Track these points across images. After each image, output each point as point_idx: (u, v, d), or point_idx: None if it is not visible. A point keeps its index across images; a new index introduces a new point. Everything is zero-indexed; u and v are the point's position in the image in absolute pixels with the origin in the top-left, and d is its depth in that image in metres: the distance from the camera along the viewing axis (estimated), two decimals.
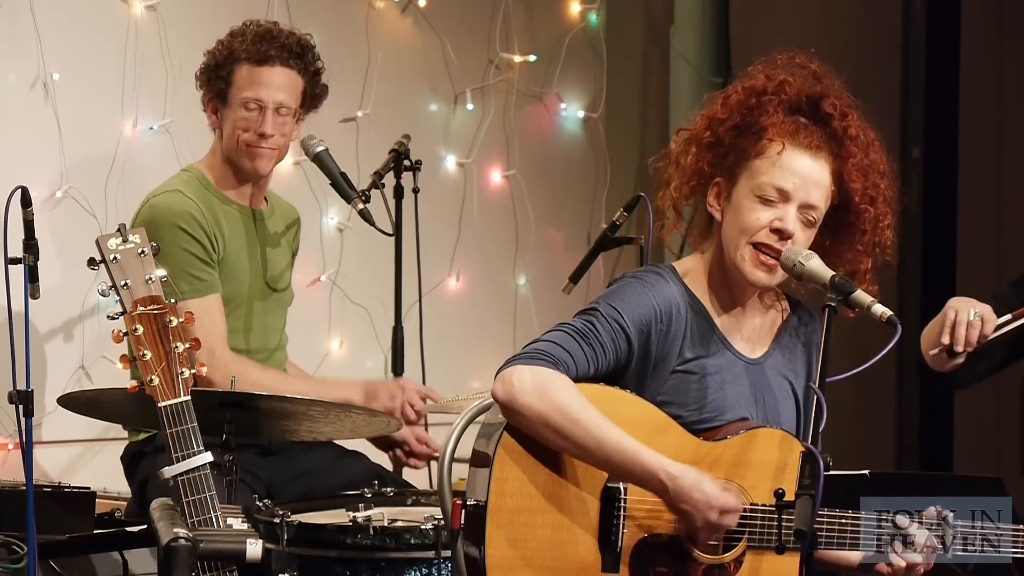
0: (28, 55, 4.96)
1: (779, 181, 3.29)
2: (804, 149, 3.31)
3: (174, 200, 4.45)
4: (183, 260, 4.38)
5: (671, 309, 3.31)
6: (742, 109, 3.34)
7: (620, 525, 3.22)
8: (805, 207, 3.30)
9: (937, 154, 7.00)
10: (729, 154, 3.34)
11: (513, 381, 3.18)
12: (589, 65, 6.43)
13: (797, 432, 3.41)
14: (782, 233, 3.28)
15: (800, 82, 3.39)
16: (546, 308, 6.20)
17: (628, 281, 3.35)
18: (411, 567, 3.82)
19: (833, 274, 3.19)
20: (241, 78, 4.48)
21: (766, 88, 3.36)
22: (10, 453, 4.79)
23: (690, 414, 3.31)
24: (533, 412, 3.16)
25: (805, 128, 3.33)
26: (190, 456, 3.29)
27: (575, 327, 3.27)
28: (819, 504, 2.95)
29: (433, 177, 5.84)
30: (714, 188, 3.36)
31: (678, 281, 3.36)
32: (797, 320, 3.48)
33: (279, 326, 4.64)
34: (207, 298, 4.41)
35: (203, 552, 2.84)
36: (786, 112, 3.34)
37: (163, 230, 4.36)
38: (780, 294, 3.49)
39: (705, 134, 3.36)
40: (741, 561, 3.28)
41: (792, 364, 3.45)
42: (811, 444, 3.00)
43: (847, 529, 3.29)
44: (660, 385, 3.31)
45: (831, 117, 3.36)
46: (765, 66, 3.42)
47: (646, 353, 3.30)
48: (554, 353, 3.22)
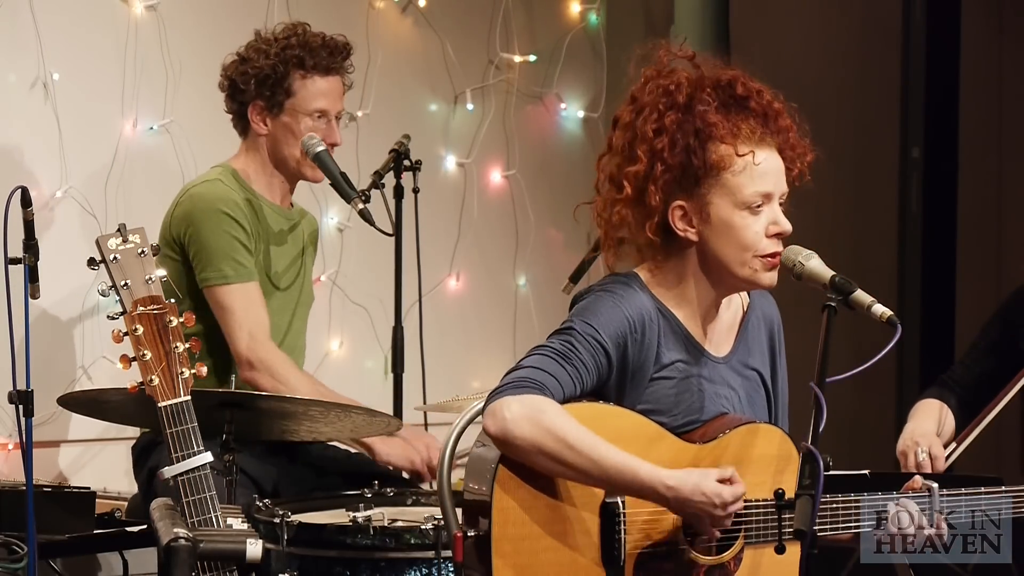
0: (28, 55, 4.96)
1: (762, 187, 3.26)
2: (762, 145, 3.27)
3: (216, 188, 4.48)
4: (228, 245, 4.40)
5: (643, 318, 3.29)
6: (679, 128, 3.26)
7: (621, 539, 3.22)
8: (782, 195, 3.30)
9: (937, 154, 7.00)
10: (681, 176, 3.27)
11: (504, 415, 3.14)
12: (589, 65, 6.43)
13: (770, 419, 3.42)
14: (781, 235, 3.28)
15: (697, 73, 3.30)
16: (546, 308, 6.20)
17: (597, 295, 3.31)
18: (411, 567, 3.82)
19: (833, 274, 3.19)
20: (307, 89, 4.52)
21: (688, 97, 3.27)
22: (10, 453, 4.79)
23: (672, 419, 3.30)
24: (527, 442, 3.14)
25: (744, 122, 3.28)
26: (190, 456, 3.30)
27: (555, 349, 3.23)
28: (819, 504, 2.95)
29: (433, 177, 5.84)
30: (677, 212, 3.29)
31: (644, 289, 3.33)
32: (755, 305, 3.47)
33: (283, 326, 4.63)
34: (250, 284, 4.43)
35: (203, 552, 2.83)
36: (723, 113, 3.28)
37: (207, 216, 4.40)
38: None
39: (656, 167, 3.27)
40: (740, 558, 3.28)
41: (758, 353, 3.44)
42: (811, 444, 3.00)
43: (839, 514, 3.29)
44: (640, 394, 3.30)
45: (749, 98, 3.30)
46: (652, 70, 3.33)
47: (624, 365, 3.28)
48: (539, 379, 3.18)
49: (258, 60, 4.53)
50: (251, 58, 4.54)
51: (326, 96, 4.54)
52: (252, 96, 4.54)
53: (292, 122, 4.53)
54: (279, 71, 4.51)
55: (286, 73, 4.51)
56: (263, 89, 4.53)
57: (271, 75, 4.52)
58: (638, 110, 3.32)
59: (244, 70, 4.54)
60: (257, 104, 4.55)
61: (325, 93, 4.54)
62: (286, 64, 4.51)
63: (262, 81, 4.52)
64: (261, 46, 4.54)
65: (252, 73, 4.53)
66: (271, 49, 4.53)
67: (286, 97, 4.53)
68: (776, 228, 3.27)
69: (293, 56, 4.51)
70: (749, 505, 3.25)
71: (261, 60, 4.53)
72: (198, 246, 4.42)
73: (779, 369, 3.48)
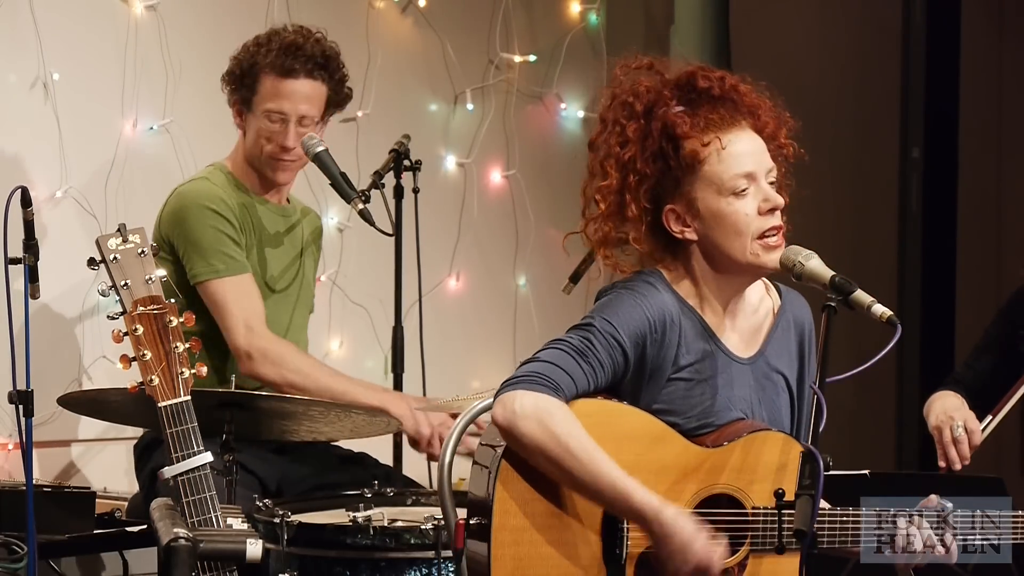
0: (28, 55, 4.96)
1: (741, 168, 3.25)
2: (731, 128, 3.27)
3: (201, 186, 4.51)
4: (215, 239, 4.41)
5: (664, 318, 3.29)
6: (642, 136, 3.28)
7: (624, 537, 3.22)
8: (768, 172, 3.29)
9: (937, 154, 7.01)
10: (662, 180, 3.28)
11: (514, 408, 3.15)
12: (589, 65, 6.43)
13: (793, 425, 3.40)
14: (773, 209, 3.27)
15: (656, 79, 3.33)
16: (546, 308, 6.20)
17: (619, 292, 3.31)
18: (411, 567, 3.82)
19: (833, 274, 3.18)
20: (265, 88, 4.52)
21: (646, 104, 3.30)
22: (10, 453, 4.79)
23: (687, 421, 3.29)
24: (531, 441, 3.14)
25: (710, 112, 3.28)
26: (190, 456, 3.30)
27: (572, 345, 3.23)
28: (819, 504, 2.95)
29: (433, 177, 5.84)
30: (671, 216, 3.30)
31: (668, 288, 3.34)
32: (786, 308, 3.46)
33: (283, 322, 4.63)
34: (242, 276, 4.43)
35: (203, 552, 2.83)
36: (682, 110, 3.29)
37: (193, 213, 4.41)
38: (769, 286, 3.47)
39: (629, 179, 3.29)
40: (744, 564, 3.27)
41: (786, 356, 3.43)
42: (811, 444, 3.00)
43: (848, 528, 3.29)
44: (656, 394, 3.29)
45: (712, 88, 3.31)
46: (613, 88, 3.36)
47: (642, 364, 3.28)
48: (553, 376, 3.18)
49: (238, 56, 4.57)
50: (236, 55, 4.57)
51: (283, 98, 4.50)
52: (230, 92, 4.58)
53: (255, 120, 4.54)
54: (244, 68, 4.54)
55: (252, 71, 4.52)
56: (236, 86, 4.56)
57: (239, 72, 4.55)
58: (603, 128, 3.35)
59: (227, 68, 4.59)
60: (234, 101, 4.57)
61: (281, 95, 4.50)
62: (252, 64, 4.52)
63: (236, 78, 4.56)
64: (250, 44, 4.57)
65: (230, 68, 4.58)
66: (251, 47, 4.55)
67: (251, 95, 4.54)
68: (767, 204, 3.27)
69: (259, 58, 4.52)
70: (756, 512, 3.25)
71: (240, 56, 4.57)
72: (186, 244, 4.43)
73: (807, 374, 3.44)
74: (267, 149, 4.53)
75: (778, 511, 3.16)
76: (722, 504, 3.27)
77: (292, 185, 4.72)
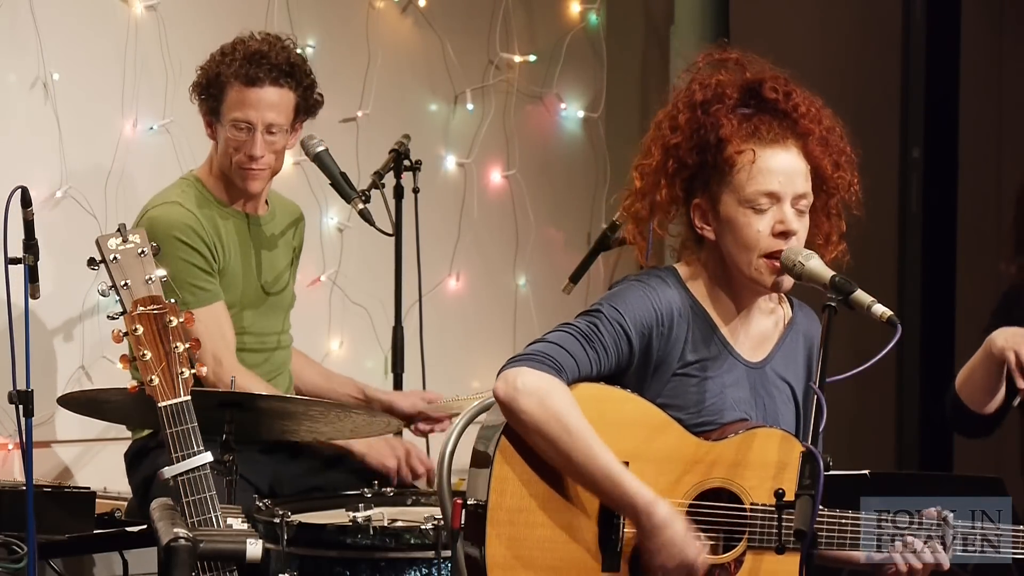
0: (28, 55, 4.96)
1: (765, 186, 3.28)
2: (772, 145, 3.29)
3: (172, 212, 4.46)
4: (184, 271, 4.39)
5: (672, 313, 3.31)
6: (693, 127, 3.32)
7: (620, 524, 3.22)
8: (796, 198, 3.30)
9: (937, 154, 7.00)
10: (699, 174, 3.33)
11: (516, 384, 3.19)
12: (589, 65, 6.43)
13: (797, 435, 3.40)
14: (786, 234, 3.28)
15: (732, 76, 3.36)
16: (546, 308, 6.19)
17: (631, 284, 3.35)
18: (411, 567, 3.82)
19: (833, 274, 3.19)
20: (231, 98, 4.49)
21: (706, 98, 3.33)
22: (10, 453, 4.79)
23: (690, 416, 3.31)
24: (530, 418, 3.17)
25: (761, 123, 3.31)
26: (190, 456, 3.30)
27: (579, 329, 3.27)
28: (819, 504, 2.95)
29: (433, 177, 5.84)
30: (696, 210, 3.35)
31: (680, 285, 3.36)
32: (798, 322, 3.48)
33: (276, 328, 4.63)
34: (212, 307, 4.42)
35: (203, 552, 2.84)
36: (736, 114, 3.31)
37: (161, 242, 4.37)
38: (783, 297, 3.48)
39: (668, 164, 3.33)
40: (742, 561, 3.28)
41: (793, 367, 3.45)
42: (811, 444, 3.01)
43: (847, 530, 3.29)
44: (661, 387, 3.31)
45: (776, 101, 3.34)
46: (691, 72, 3.40)
47: (647, 356, 3.30)
48: (558, 357, 3.22)
49: (205, 67, 4.55)
50: (203, 65, 4.56)
51: (248, 107, 4.47)
52: (199, 103, 4.56)
53: (223, 130, 4.52)
54: (210, 78, 4.52)
55: (217, 81, 4.50)
56: (204, 96, 4.54)
57: (206, 82, 4.53)
58: (665, 109, 3.39)
59: (194, 80, 4.57)
60: (203, 111, 4.56)
61: (247, 104, 4.47)
62: (218, 72, 4.50)
63: (203, 88, 4.54)
64: (216, 54, 4.54)
65: (197, 79, 4.56)
66: (217, 56, 4.53)
67: (218, 105, 4.52)
68: (781, 227, 3.28)
69: (223, 69, 4.49)
70: (754, 509, 3.25)
71: (206, 66, 4.55)
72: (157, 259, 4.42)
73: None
74: (236, 159, 4.49)
75: (778, 511, 3.16)
76: (720, 498, 3.27)
77: (267, 192, 4.66)
